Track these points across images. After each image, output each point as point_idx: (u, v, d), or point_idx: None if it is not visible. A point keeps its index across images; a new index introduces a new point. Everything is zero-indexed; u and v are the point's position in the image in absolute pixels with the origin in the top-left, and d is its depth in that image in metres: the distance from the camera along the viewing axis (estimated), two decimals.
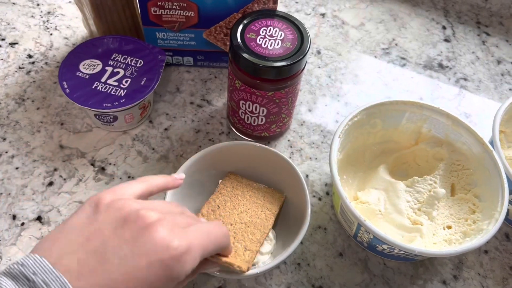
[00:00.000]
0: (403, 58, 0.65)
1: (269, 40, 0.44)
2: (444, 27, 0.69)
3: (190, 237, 0.30)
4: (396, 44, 0.66)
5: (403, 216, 0.45)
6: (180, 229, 0.30)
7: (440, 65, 0.64)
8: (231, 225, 0.42)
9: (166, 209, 0.32)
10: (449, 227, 0.45)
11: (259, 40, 0.44)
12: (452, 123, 0.47)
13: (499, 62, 0.65)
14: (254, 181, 0.47)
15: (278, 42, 0.44)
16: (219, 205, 0.44)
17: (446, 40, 0.68)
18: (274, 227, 0.45)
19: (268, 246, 0.43)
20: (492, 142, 0.47)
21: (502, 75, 0.64)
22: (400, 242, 0.39)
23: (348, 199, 0.41)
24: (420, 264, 0.46)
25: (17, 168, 0.50)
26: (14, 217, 0.46)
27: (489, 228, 0.41)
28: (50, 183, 0.49)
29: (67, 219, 0.30)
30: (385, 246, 0.42)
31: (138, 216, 0.29)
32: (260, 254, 0.43)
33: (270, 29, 0.45)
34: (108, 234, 0.29)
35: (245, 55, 0.43)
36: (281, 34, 0.45)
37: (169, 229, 0.29)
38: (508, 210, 0.46)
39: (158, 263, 0.28)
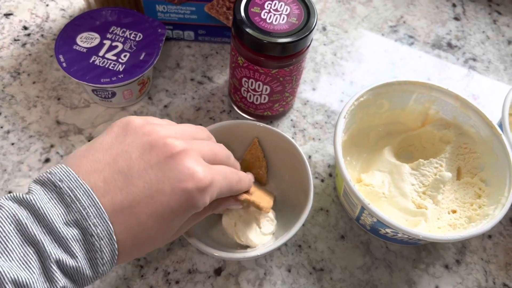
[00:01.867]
0: (411, 37, 0.63)
1: (274, 15, 0.42)
2: (454, 5, 0.67)
3: (213, 172, 0.31)
4: (404, 22, 0.64)
5: (407, 200, 0.44)
6: (204, 163, 0.31)
7: (449, 45, 0.63)
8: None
9: (193, 135, 0.33)
10: (454, 212, 0.44)
11: (264, 15, 0.42)
12: (460, 105, 0.46)
13: (509, 42, 0.63)
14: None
15: (284, 17, 0.42)
16: None
17: (456, 19, 0.65)
18: (273, 208, 0.45)
19: (270, 227, 0.43)
20: (500, 125, 0.46)
21: None
22: (404, 227, 0.38)
23: (352, 182, 0.40)
24: (423, 248, 0.46)
25: (12, 144, 0.49)
26: (10, 193, 0.45)
27: (495, 214, 0.40)
28: (47, 160, 0.48)
29: (95, 138, 0.31)
30: (388, 230, 0.41)
31: (165, 144, 0.30)
32: (262, 234, 0.42)
33: (275, 3, 0.43)
34: (135, 157, 0.30)
35: (249, 30, 0.41)
36: (287, 9, 0.43)
37: (195, 160, 0.30)
38: None
39: (181, 190, 0.29)
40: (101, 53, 0.48)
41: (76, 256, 0.27)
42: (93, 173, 0.29)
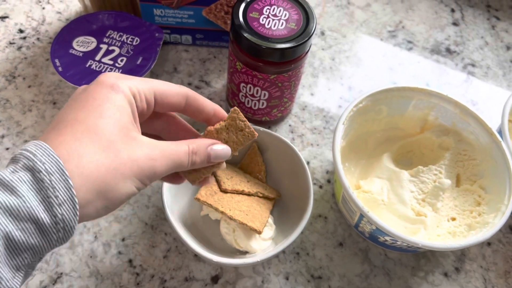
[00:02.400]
0: (409, 42, 0.63)
1: (273, 20, 0.42)
2: (453, 10, 0.67)
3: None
4: (403, 27, 0.64)
5: (406, 207, 0.43)
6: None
7: (448, 50, 0.62)
8: (230, 210, 0.41)
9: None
10: (454, 219, 0.44)
11: (262, 20, 0.42)
12: (460, 112, 0.46)
13: (508, 48, 0.63)
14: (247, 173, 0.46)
15: (282, 23, 0.42)
16: (216, 191, 0.42)
17: (455, 24, 0.65)
18: (272, 213, 0.44)
19: (269, 232, 0.42)
20: (500, 132, 0.46)
21: (511, 61, 0.62)
22: (404, 235, 0.37)
23: (351, 189, 0.39)
24: (422, 256, 0.45)
25: (7, 149, 0.48)
26: None
27: (495, 222, 0.39)
28: None
29: None
30: (387, 237, 0.41)
31: (100, 79, 0.29)
32: (262, 240, 0.42)
33: (274, 8, 0.43)
34: (82, 98, 0.28)
35: (247, 36, 0.41)
36: (286, 14, 0.43)
37: (112, 75, 0.29)
38: None
39: (103, 87, 0.28)
40: (97, 57, 0.48)
41: (23, 196, 0.24)
42: (54, 128, 0.27)
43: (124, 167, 0.27)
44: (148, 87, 0.30)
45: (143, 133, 0.30)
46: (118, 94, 0.28)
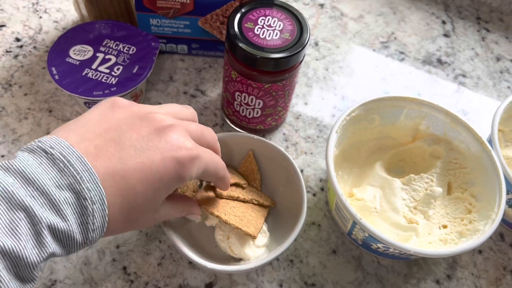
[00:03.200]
0: (401, 53, 0.64)
1: (267, 30, 0.43)
2: (444, 22, 0.68)
3: (200, 148, 0.33)
4: (395, 38, 0.65)
5: (399, 215, 0.44)
6: (191, 139, 0.33)
7: (439, 61, 0.63)
8: (225, 214, 0.41)
9: (178, 113, 0.34)
10: (445, 227, 0.44)
11: (257, 30, 0.43)
12: (451, 121, 0.47)
13: (498, 59, 0.65)
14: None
15: (277, 33, 0.43)
16: (211, 196, 0.42)
17: (446, 35, 0.67)
18: (266, 220, 0.45)
19: (263, 239, 0.43)
20: (490, 141, 0.46)
21: (501, 72, 0.63)
22: (396, 242, 0.38)
23: (344, 197, 0.40)
24: (414, 263, 0.46)
25: (2, 156, 0.48)
26: None
27: (486, 229, 0.40)
28: None
29: (81, 115, 0.31)
30: (379, 245, 0.41)
31: (155, 118, 0.31)
32: (256, 247, 0.42)
33: (269, 19, 0.44)
34: (126, 128, 0.30)
35: (242, 45, 0.41)
36: (280, 25, 0.43)
37: (183, 134, 0.32)
38: (504, 211, 0.45)
39: (170, 158, 0.30)
40: (94, 66, 0.48)
41: (68, 220, 0.26)
42: (84, 141, 0.29)
43: (130, 230, 0.33)
44: (203, 174, 0.33)
45: None
46: (179, 183, 0.32)
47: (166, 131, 0.31)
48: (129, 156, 0.29)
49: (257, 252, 0.42)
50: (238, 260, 0.42)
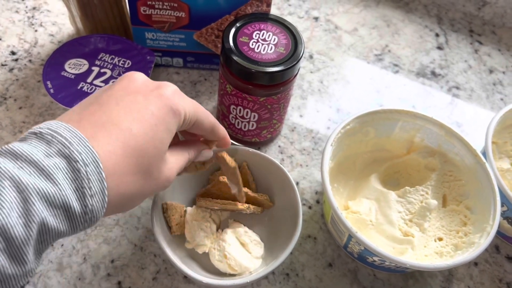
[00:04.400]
0: (396, 65, 0.64)
1: (262, 44, 0.43)
2: (437, 35, 0.69)
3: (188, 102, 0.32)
4: (389, 51, 0.66)
5: (394, 227, 0.44)
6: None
7: (433, 73, 0.64)
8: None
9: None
10: (440, 239, 0.44)
11: (252, 44, 0.43)
12: (445, 133, 0.47)
13: (491, 71, 0.65)
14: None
15: (272, 47, 0.43)
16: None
17: (439, 48, 0.67)
18: (260, 231, 0.45)
19: (259, 250, 0.43)
20: (484, 153, 0.47)
21: (494, 84, 0.64)
22: (392, 255, 0.38)
23: (340, 210, 0.40)
24: (410, 276, 0.46)
25: None
26: None
27: (481, 242, 0.40)
28: None
29: None
30: (375, 258, 0.41)
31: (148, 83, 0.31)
32: (255, 258, 0.42)
33: (264, 33, 0.44)
34: (115, 89, 0.30)
35: (237, 59, 0.42)
36: (275, 39, 0.44)
37: (173, 92, 0.31)
38: (499, 223, 0.45)
39: (156, 95, 0.30)
40: (89, 80, 0.48)
41: (59, 184, 0.24)
42: (69, 114, 0.29)
43: (148, 190, 0.30)
44: (194, 112, 0.33)
45: None
46: (175, 119, 0.30)
47: (160, 89, 0.31)
48: (112, 106, 0.29)
49: (256, 263, 0.42)
50: (233, 274, 0.42)
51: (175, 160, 0.33)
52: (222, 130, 0.37)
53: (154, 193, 0.31)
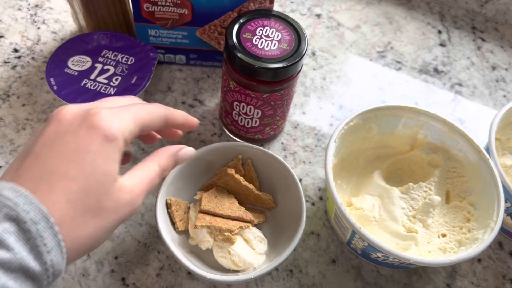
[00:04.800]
0: (398, 62, 0.64)
1: (266, 40, 0.43)
2: (439, 32, 0.69)
3: (119, 107, 0.31)
4: (391, 48, 0.66)
5: (397, 224, 0.44)
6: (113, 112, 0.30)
7: (436, 70, 0.64)
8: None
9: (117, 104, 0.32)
10: (444, 235, 0.44)
11: (255, 41, 0.43)
12: (448, 130, 0.47)
13: (493, 68, 0.65)
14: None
15: (275, 43, 0.43)
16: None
17: (442, 45, 0.67)
18: (264, 228, 0.45)
19: (263, 246, 0.43)
20: (487, 149, 0.47)
21: (497, 81, 0.64)
22: (395, 251, 0.38)
23: (343, 206, 0.40)
24: (414, 272, 0.46)
25: (0, 167, 0.48)
26: None
27: (485, 238, 0.40)
28: None
29: None
30: (379, 254, 0.41)
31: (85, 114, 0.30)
32: (258, 254, 0.42)
33: (267, 29, 0.44)
34: (48, 134, 0.29)
35: (241, 56, 0.42)
36: (278, 35, 0.44)
37: (103, 116, 0.29)
38: (503, 219, 0.45)
39: (97, 138, 0.28)
40: (92, 76, 0.48)
41: (12, 248, 0.24)
42: (10, 170, 0.28)
43: (110, 223, 0.29)
44: (136, 122, 0.31)
45: None
46: (112, 145, 0.29)
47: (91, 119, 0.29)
48: (46, 154, 0.28)
49: (260, 259, 0.42)
50: (236, 270, 0.42)
51: (139, 180, 0.31)
52: (180, 115, 0.35)
53: (124, 220, 0.30)
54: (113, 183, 0.29)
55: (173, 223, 0.43)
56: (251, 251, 0.42)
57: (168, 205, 0.43)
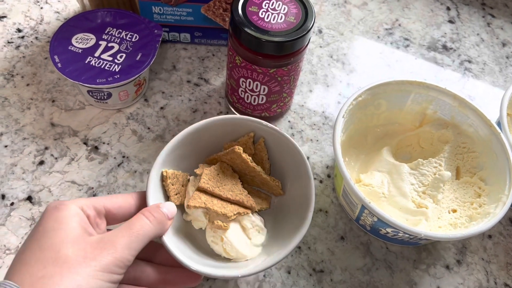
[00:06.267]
0: (406, 39, 0.63)
1: (272, 14, 0.42)
2: (448, 8, 0.67)
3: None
4: (399, 25, 0.65)
5: (407, 199, 0.43)
6: None
7: (444, 47, 0.63)
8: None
9: None
10: (454, 211, 0.44)
11: (262, 14, 0.42)
12: (458, 105, 0.46)
13: (504, 44, 0.64)
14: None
15: (282, 16, 0.42)
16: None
17: (451, 22, 0.66)
18: (267, 219, 0.43)
19: (260, 237, 0.40)
20: (499, 124, 0.46)
21: (507, 58, 0.62)
22: (406, 225, 0.37)
23: (352, 181, 0.39)
24: (423, 249, 0.45)
25: (6, 146, 0.48)
26: (3, 196, 0.44)
27: (496, 212, 0.39)
28: (41, 162, 0.47)
29: None
30: (388, 230, 0.41)
31: None
32: (254, 245, 0.40)
33: (273, 2, 0.43)
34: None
35: (247, 29, 0.41)
36: (285, 8, 0.43)
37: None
38: None
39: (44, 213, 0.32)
40: (96, 54, 0.48)
41: None
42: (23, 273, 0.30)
43: None
44: (94, 199, 0.34)
45: None
46: (63, 211, 0.32)
47: None
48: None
49: (254, 251, 0.39)
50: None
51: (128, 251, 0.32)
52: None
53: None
54: (81, 250, 0.31)
55: (168, 198, 0.40)
56: (246, 240, 0.39)
57: (163, 178, 0.40)
